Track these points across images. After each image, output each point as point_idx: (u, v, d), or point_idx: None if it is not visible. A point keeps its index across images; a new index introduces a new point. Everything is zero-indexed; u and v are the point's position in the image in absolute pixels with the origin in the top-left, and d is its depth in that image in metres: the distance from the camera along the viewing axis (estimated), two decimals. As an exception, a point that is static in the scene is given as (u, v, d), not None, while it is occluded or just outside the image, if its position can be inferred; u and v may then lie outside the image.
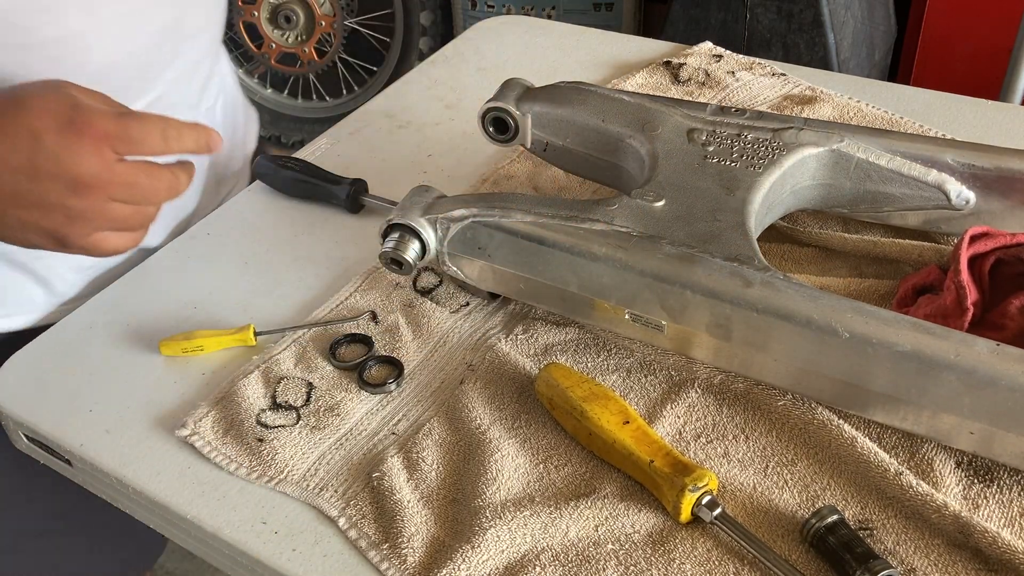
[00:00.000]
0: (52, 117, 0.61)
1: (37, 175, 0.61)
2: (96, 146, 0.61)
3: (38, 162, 0.60)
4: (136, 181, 0.63)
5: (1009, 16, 1.85)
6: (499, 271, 0.75)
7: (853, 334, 0.62)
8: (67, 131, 0.60)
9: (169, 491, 0.68)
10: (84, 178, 0.61)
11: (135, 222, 0.66)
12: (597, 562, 0.61)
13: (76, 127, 0.61)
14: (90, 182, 0.61)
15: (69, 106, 0.61)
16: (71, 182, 0.61)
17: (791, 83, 1.07)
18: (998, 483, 0.64)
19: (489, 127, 0.89)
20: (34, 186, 0.61)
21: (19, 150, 0.60)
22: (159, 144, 0.64)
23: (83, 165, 0.61)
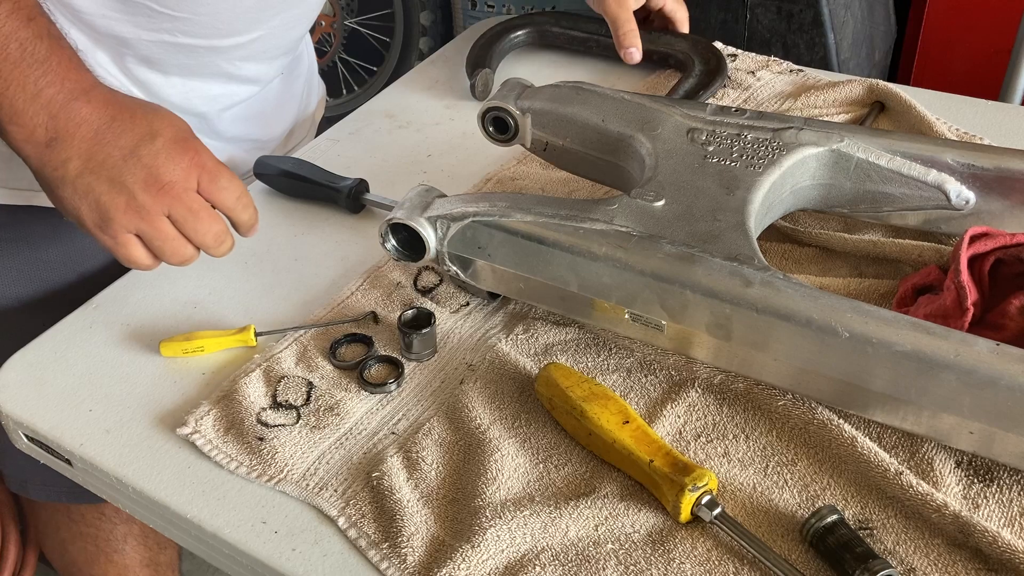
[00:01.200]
0: (173, 129, 0.70)
1: (131, 156, 0.68)
2: (190, 166, 0.70)
3: (140, 150, 0.68)
4: (198, 213, 0.71)
5: (1009, 16, 1.85)
6: (499, 271, 0.75)
7: (853, 334, 0.62)
8: (176, 143, 0.69)
9: (169, 491, 0.68)
10: (163, 179, 0.68)
11: (169, 249, 0.72)
12: (597, 562, 0.61)
13: (185, 145, 0.70)
14: (165, 185, 0.68)
15: (189, 132, 0.71)
16: (152, 176, 0.68)
17: (811, 79, 1.07)
18: (998, 483, 0.64)
19: (489, 127, 0.89)
20: (122, 164, 0.68)
21: (134, 135, 0.68)
22: (231, 200, 0.73)
23: (171, 171, 0.69)
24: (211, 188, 0.71)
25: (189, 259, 0.73)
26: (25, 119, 0.66)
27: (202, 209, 0.71)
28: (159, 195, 0.69)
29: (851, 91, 1.02)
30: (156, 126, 0.69)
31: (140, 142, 0.68)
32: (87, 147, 0.67)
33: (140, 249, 0.71)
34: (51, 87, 0.66)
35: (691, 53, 1.10)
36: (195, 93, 0.95)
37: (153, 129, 0.69)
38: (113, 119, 0.68)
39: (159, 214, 0.69)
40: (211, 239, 0.72)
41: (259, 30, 0.93)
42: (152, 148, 0.68)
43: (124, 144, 0.68)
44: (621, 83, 1.12)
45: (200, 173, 0.70)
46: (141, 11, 0.84)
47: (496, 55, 1.15)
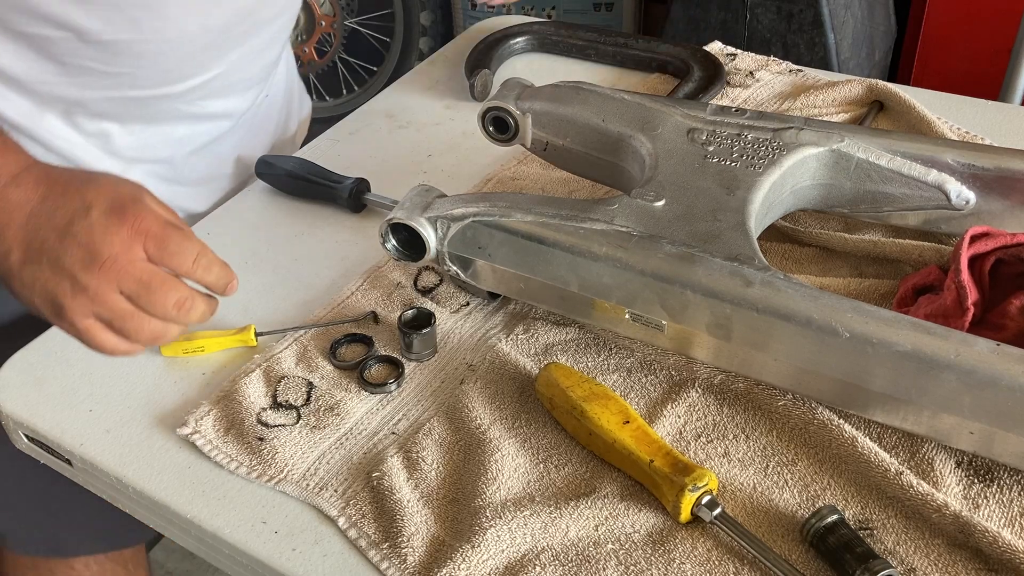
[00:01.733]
0: (109, 198, 0.63)
1: (66, 236, 0.62)
2: (130, 236, 0.62)
3: (74, 228, 0.62)
4: (149, 282, 0.63)
5: (1009, 16, 1.85)
6: (499, 271, 0.75)
7: (853, 334, 0.62)
8: (113, 212, 0.63)
9: (169, 491, 0.68)
10: (102, 255, 0.62)
11: (133, 326, 0.64)
12: (597, 562, 0.61)
13: (122, 213, 0.63)
14: (105, 261, 0.62)
15: (129, 197, 0.64)
16: (90, 254, 0.62)
17: (811, 79, 1.07)
18: (998, 483, 0.64)
19: (489, 127, 0.89)
20: (58, 245, 0.62)
21: (67, 211, 0.63)
22: (186, 264, 0.65)
23: (108, 244, 0.62)
24: (161, 255, 0.63)
25: (161, 335, 0.65)
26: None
27: (153, 278, 0.63)
28: (102, 273, 0.62)
29: (851, 91, 1.02)
30: (89, 198, 0.63)
31: (73, 218, 0.62)
32: (23, 234, 0.63)
33: (105, 333, 0.64)
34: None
35: (689, 60, 1.10)
36: (157, 138, 0.92)
37: (86, 202, 0.63)
38: (44, 199, 0.63)
39: (110, 292, 0.62)
40: (172, 308, 0.64)
41: (216, 68, 0.89)
42: (86, 223, 0.62)
43: (58, 223, 0.62)
44: (620, 85, 1.12)
45: (144, 240, 0.63)
46: (82, 72, 0.81)
47: (495, 60, 1.15)
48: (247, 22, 0.89)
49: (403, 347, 0.76)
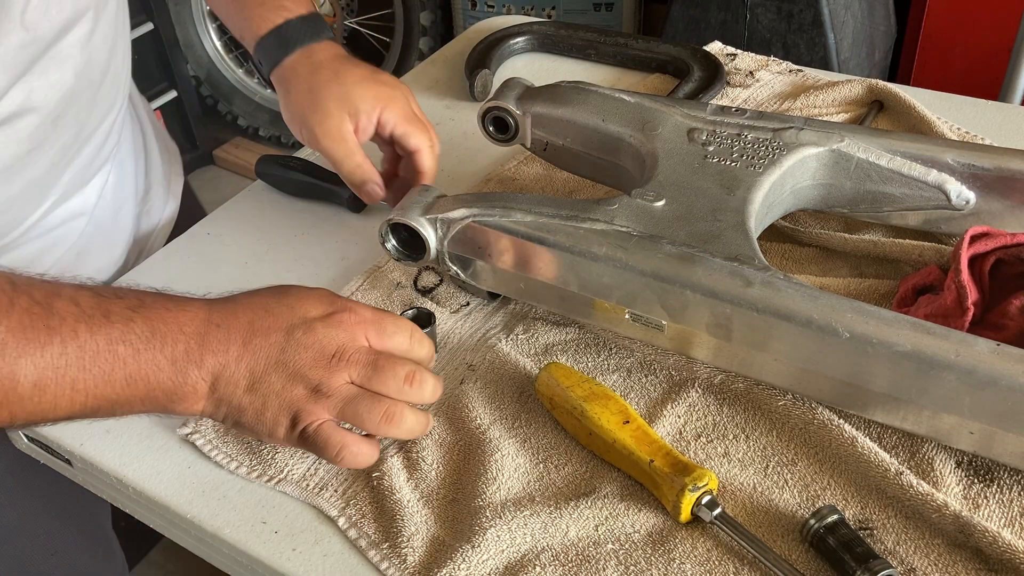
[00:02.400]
0: (321, 305, 0.64)
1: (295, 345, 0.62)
2: (351, 328, 0.63)
3: (295, 335, 0.62)
4: (375, 362, 0.63)
5: (1009, 16, 1.85)
6: (499, 271, 0.75)
7: (853, 334, 0.62)
8: (330, 316, 0.63)
9: (169, 491, 0.68)
10: (329, 351, 0.62)
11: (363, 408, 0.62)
12: (597, 562, 0.61)
13: (338, 314, 0.63)
14: (334, 355, 0.62)
15: (334, 299, 0.65)
16: (318, 353, 0.62)
17: (811, 79, 1.07)
18: (998, 483, 0.64)
19: (489, 127, 0.89)
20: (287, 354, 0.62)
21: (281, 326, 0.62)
22: (404, 343, 0.65)
23: (333, 340, 0.62)
24: (380, 339, 0.64)
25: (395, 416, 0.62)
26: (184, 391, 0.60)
27: (379, 358, 0.63)
28: (332, 367, 0.62)
29: (851, 91, 1.02)
30: (300, 308, 0.63)
31: (292, 328, 0.62)
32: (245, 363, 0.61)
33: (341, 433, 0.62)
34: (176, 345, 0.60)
35: (689, 60, 1.10)
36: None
37: (298, 312, 0.63)
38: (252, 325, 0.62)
39: (341, 381, 0.62)
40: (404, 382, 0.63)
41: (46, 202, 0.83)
42: (306, 327, 0.62)
43: (276, 340, 0.62)
44: (620, 85, 1.12)
45: (365, 328, 0.63)
46: None
47: (495, 60, 1.15)
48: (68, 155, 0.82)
49: None
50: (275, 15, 0.84)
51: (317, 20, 0.85)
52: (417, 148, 0.83)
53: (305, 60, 0.83)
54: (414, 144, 0.83)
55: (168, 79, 2.59)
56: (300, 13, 0.84)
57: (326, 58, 0.83)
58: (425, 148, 0.83)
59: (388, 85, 0.84)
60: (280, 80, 0.84)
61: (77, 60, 0.77)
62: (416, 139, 0.83)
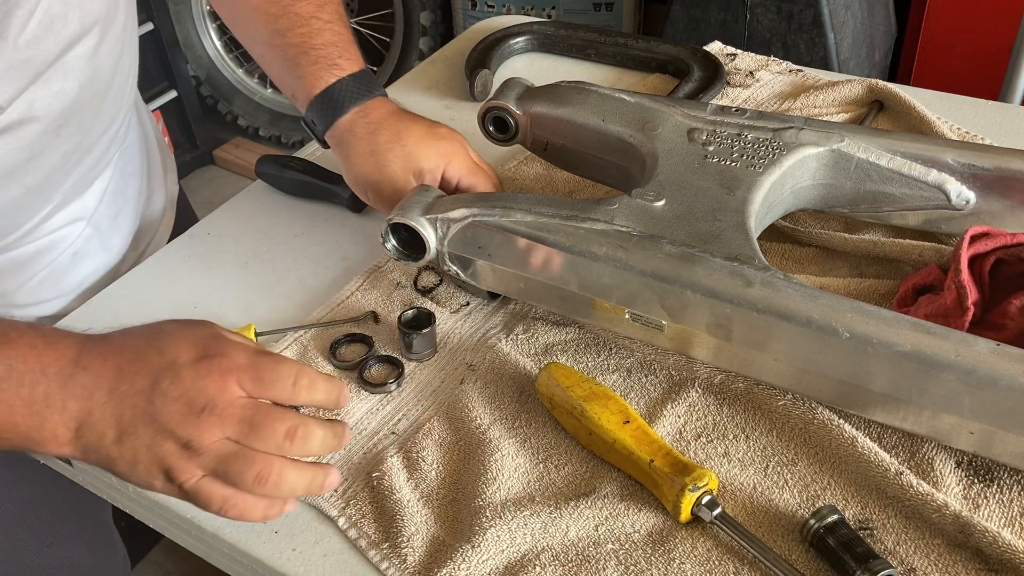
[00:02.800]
0: (192, 345, 0.59)
1: (154, 398, 0.58)
2: (223, 376, 0.58)
3: (162, 386, 0.58)
4: (252, 418, 0.58)
5: (1009, 16, 1.85)
6: (499, 271, 0.75)
7: (853, 334, 0.62)
8: (200, 359, 0.58)
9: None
10: (198, 404, 0.57)
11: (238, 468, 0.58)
12: (597, 562, 0.61)
13: (209, 356, 0.58)
14: (204, 409, 0.57)
15: (208, 337, 0.60)
16: (186, 406, 0.57)
17: (811, 79, 1.07)
18: (998, 483, 0.64)
19: (489, 126, 0.89)
20: (150, 408, 0.58)
21: (148, 373, 0.58)
22: (287, 390, 0.59)
23: (202, 391, 0.57)
24: (258, 387, 0.58)
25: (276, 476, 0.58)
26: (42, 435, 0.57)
27: (256, 413, 0.58)
28: (202, 422, 0.57)
29: (851, 91, 1.02)
30: (169, 353, 0.58)
31: (159, 377, 0.58)
32: (111, 411, 0.57)
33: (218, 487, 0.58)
34: (34, 387, 0.57)
35: (689, 60, 1.10)
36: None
37: (167, 358, 0.58)
38: (119, 369, 0.58)
39: (214, 439, 0.57)
40: (283, 439, 0.58)
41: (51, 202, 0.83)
42: (173, 377, 0.57)
43: (143, 387, 0.57)
44: (620, 85, 1.12)
45: (238, 377, 0.58)
46: None
47: (495, 60, 1.15)
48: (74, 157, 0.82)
49: (403, 347, 0.76)
50: (327, 74, 0.82)
51: (368, 77, 0.84)
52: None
53: (361, 120, 0.82)
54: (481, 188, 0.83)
55: (168, 79, 2.59)
56: (352, 71, 0.83)
57: (382, 116, 0.83)
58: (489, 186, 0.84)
59: (447, 140, 0.83)
60: (337, 141, 0.83)
61: (82, 72, 0.77)
62: (483, 189, 0.83)
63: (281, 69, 0.85)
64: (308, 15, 0.84)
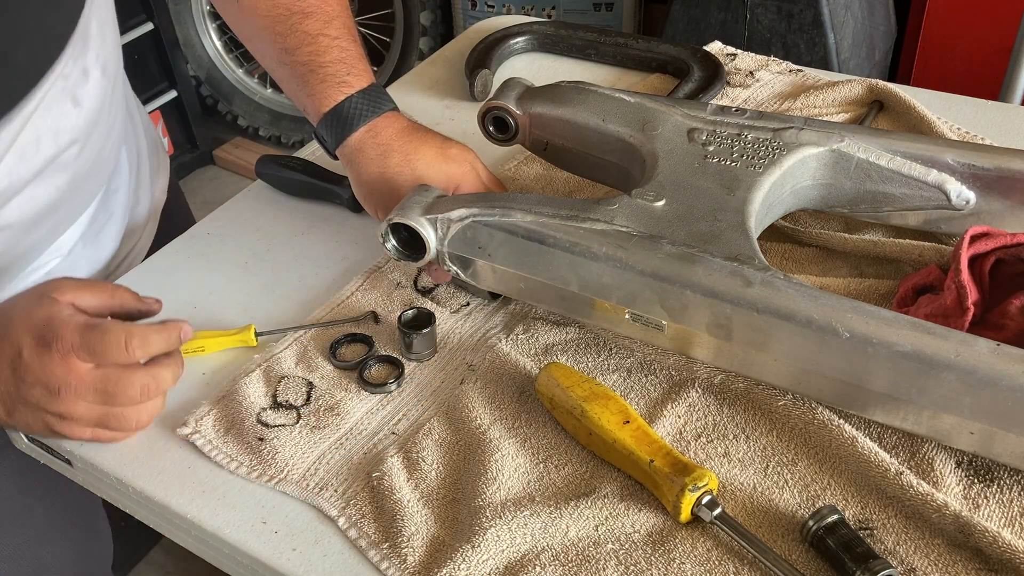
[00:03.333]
0: (29, 333, 0.65)
1: (22, 382, 0.66)
2: (63, 357, 0.65)
3: (20, 372, 0.65)
4: (103, 387, 0.66)
5: (1009, 16, 1.85)
6: (499, 271, 0.75)
7: (853, 334, 0.62)
8: (39, 345, 0.65)
9: (169, 491, 0.68)
10: (54, 385, 0.65)
11: (116, 424, 0.68)
12: (597, 562, 0.61)
13: (46, 341, 0.65)
14: (60, 389, 0.65)
15: (43, 321, 0.66)
16: (45, 388, 0.65)
17: (811, 79, 1.07)
18: (998, 483, 0.64)
19: (489, 126, 0.89)
20: (21, 391, 0.66)
21: (6, 361, 0.66)
22: (121, 354, 0.66)
23: (53, 374, 0.65)
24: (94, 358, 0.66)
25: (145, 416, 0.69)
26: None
27: (107, 382, 0.66)
28: (65, 399, 0.65)
29: (851, 91, 1.02)
30: (15, 339, 0.65)
31: (14, 365, 0.65)
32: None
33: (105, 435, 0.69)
34: None
35: (689, 60, 1.10)
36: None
37: (15, 346, 0.65)
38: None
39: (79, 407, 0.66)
40: (140, 396, 0.67)
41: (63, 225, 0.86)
42: (24, 363, 0.65)
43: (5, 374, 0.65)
44: (620, 85, 1.12)
45: (74, 354, 0.65)
46: None
47: (495, 60, 1.15)
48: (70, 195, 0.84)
49: (403, 347, 0.76)
50: (336, 92, 0.82)
51: (378, 92, 0.84)
52: None
53: (371, 140, 0.82)
54: None
55: (168, 79, 2.59)
56: (360, 87, 0.83)
57: (393, 136, 0.82)
58: None
59: (456, 162, 0.83)
60: (348, 160, 0.83)
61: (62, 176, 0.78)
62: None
63: (292, 86, 0.85)
64: (315, 32, 0.83)
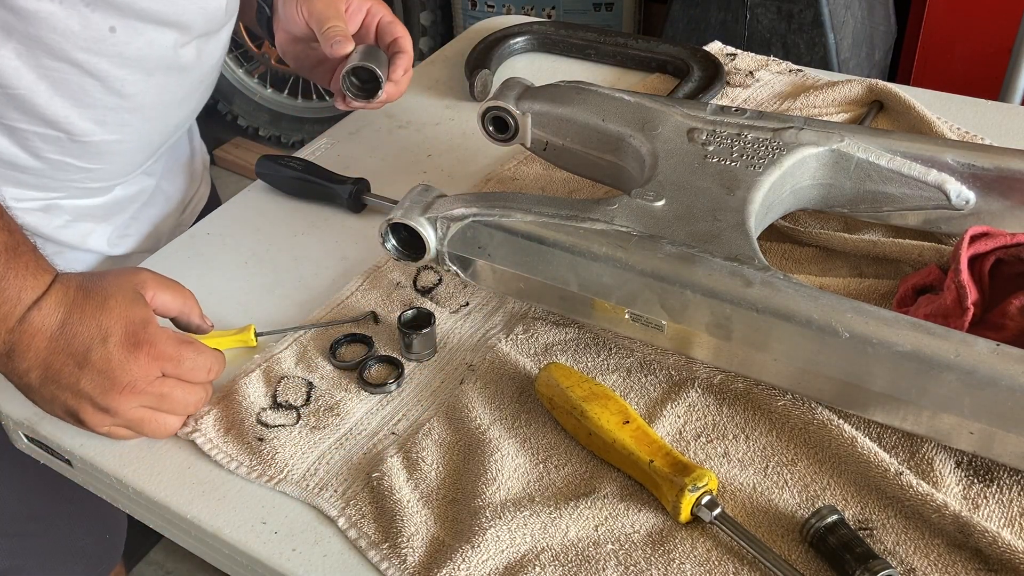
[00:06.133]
0: (124, 326, 0.67)
1: (84, 365, 0.66)
2: (148, 362, 0.67)
3: (92, 356, 0.66)
4: (171, 394, 0.69)
5: (1009, 16, 1.85)
6: (499, 271, 0.75)
7: (853, 334, 0.62)
8: (130, 343, 0.66)
9: (169, 491, 0.68)
10: (121, 382, 0.66)
11: (150, 429, 0.70)
12: (597, 562, 0.61)
13: (139, 342, 0.67)
14: (125, 387, 0.67)
15: (141, 323, 0.67)
16: (109, 380, 0.66)
17: (810, 79, 1.07)
18: (998, 483, 0.64)
19: (489, 126, 0.89)
20: (77, 372, 0.66)
21: (84, 340, 0.66)
22: (203, 377, 0.70)
23: (127, 372, 0.66)
24: (179, 372, 0.69)
25: (176, 427, 0.71)
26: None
27: (175, 388, 0.69)
28: (122, 397, 0.67)
29: (850, 91, 1.02)
30: (106, 325, 0.66)
31: (91, 346, 0.66)
32: (43, 356, 0.66)
33: (123, 433, 0.70)
34: (5, 304, 0.65)
35: (689, 60, 1.10)
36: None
37: (103, 330, 0.66)
38: (64, 324, 0.66)
39: (129, 408, 0.68)
40: (192, 407, 0.71)
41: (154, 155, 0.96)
42: (104, 352, 0.66)
43: (77, 350, 0.66)
44: (620, 85, 1.12)
45: (162, 364, 0.68)
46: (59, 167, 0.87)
47: (495, 60, 1.15)
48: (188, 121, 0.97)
49: (403, 347, 0.76)
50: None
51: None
52: (402, 34, 0.96)
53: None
54: (400, 31, 0.96)
55: (168, 79, 2.59)
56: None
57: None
58: (407, 36, 0.96)
59: None
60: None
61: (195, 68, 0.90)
62: (401, 28, 0.96)
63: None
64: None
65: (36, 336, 0.65)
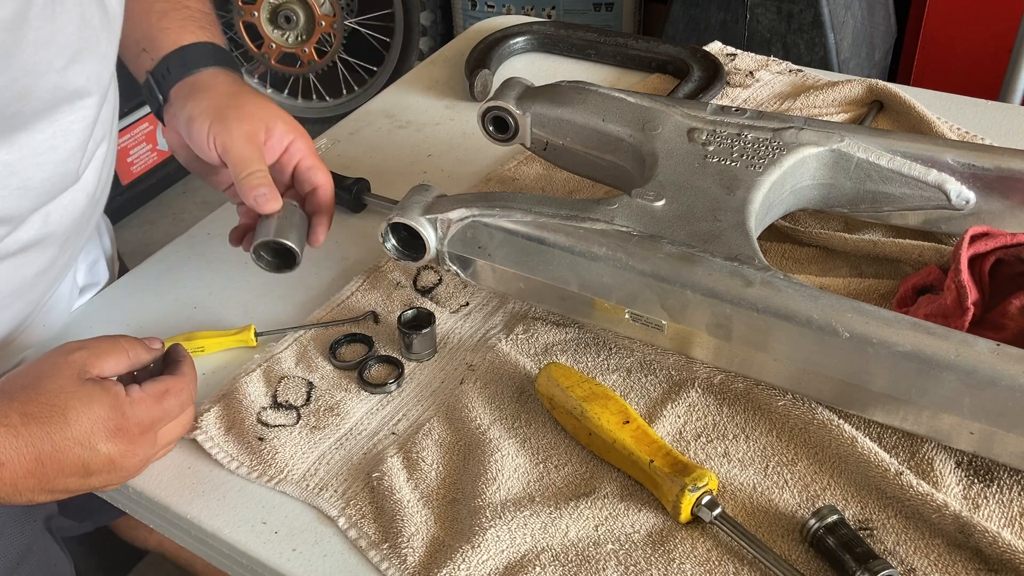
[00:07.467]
0: (101, 426, 0.64)
1: (91, 473, 0.64)
2: (141, 434, 0.65)
3: (92, 466, 0.64)
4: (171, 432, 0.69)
5: (1009, 16, 1.85)
6: (499, 271, 0.75)
7: (853, 334, 0.62)
8: (116, 435, 0.64)
9: (169, 491, 0.68)
10: (132, 464, 0.66)
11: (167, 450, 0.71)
12: (597, 562, 0.61)
13: (122, 428, 0.64)
14: (137, 463, 0.66)
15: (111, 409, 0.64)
16: (123, 469, 0.66)
17: (810, 79, 1.07)
18: (998, 483, 0.64)
19: (489, 126, 0.89)
20: (88, 479, 0.64)
21: (74, 460, 0.63)
22: (189, 402, 0.69)
23: (133, 455, 0.65)
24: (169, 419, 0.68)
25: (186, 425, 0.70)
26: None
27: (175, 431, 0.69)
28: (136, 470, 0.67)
29: (850, 91, 1.02)
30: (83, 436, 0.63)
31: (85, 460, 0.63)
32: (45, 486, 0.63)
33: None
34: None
35: (689, 60, 1.10)
36: None
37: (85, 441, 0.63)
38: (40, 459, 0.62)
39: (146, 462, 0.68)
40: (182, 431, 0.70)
41: None
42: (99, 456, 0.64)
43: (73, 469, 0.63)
44: (620, 85, 1.12)
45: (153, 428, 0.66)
46: None
47: (495, 60, 1.15)
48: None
49: (403, 347, 0.76)
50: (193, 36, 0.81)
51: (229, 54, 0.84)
52: (323, 183, 0.80)
53: (224, 76, 0.80)
54: (322, 179, 0.80)
55: (168, 79, 2.58)
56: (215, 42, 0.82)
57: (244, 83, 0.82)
58: (329, 186, 0.80)
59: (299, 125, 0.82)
60: (193, 86, 0.79)
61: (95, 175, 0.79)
62: (323, 175, 0.80)
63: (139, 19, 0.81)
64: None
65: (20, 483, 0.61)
